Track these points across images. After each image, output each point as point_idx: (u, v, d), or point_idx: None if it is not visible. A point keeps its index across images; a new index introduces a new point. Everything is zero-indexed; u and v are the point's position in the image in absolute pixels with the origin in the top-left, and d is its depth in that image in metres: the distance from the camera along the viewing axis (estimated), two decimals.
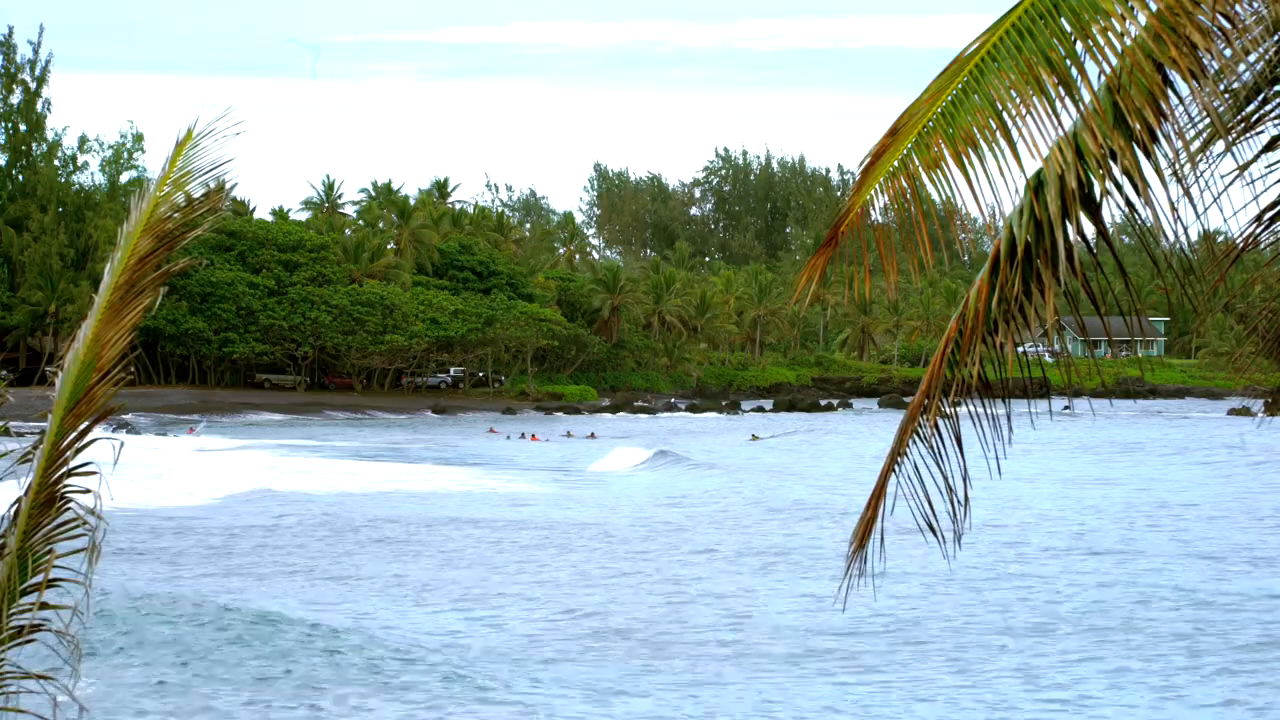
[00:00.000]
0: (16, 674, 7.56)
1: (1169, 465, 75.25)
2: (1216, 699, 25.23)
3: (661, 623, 31.46)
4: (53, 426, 7.41)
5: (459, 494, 59.84)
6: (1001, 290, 7.80)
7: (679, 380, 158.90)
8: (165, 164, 7.56)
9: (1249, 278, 9.63)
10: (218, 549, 43.04)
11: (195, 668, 26.13)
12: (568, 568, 39.61)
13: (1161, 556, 41.23)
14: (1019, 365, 7.99)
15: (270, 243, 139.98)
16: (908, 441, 8.14)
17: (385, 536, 45.74)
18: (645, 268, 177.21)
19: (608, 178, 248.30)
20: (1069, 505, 54.65)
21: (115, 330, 7.45)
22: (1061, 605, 33.57)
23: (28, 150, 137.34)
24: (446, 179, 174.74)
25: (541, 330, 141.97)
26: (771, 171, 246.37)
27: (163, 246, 7.49)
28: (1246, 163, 7.87)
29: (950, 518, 8.08)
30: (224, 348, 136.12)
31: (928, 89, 7.84)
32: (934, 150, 7.75)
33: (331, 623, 30.47)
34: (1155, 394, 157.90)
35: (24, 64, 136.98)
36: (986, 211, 7.77)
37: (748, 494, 59.22)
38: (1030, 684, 26.20)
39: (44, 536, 7.47)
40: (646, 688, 25.62)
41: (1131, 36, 7.43)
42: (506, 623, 31.76)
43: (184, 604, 31.73)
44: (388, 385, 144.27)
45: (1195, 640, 29.57)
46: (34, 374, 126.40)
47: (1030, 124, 7.62)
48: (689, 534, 46.80)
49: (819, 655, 28.32)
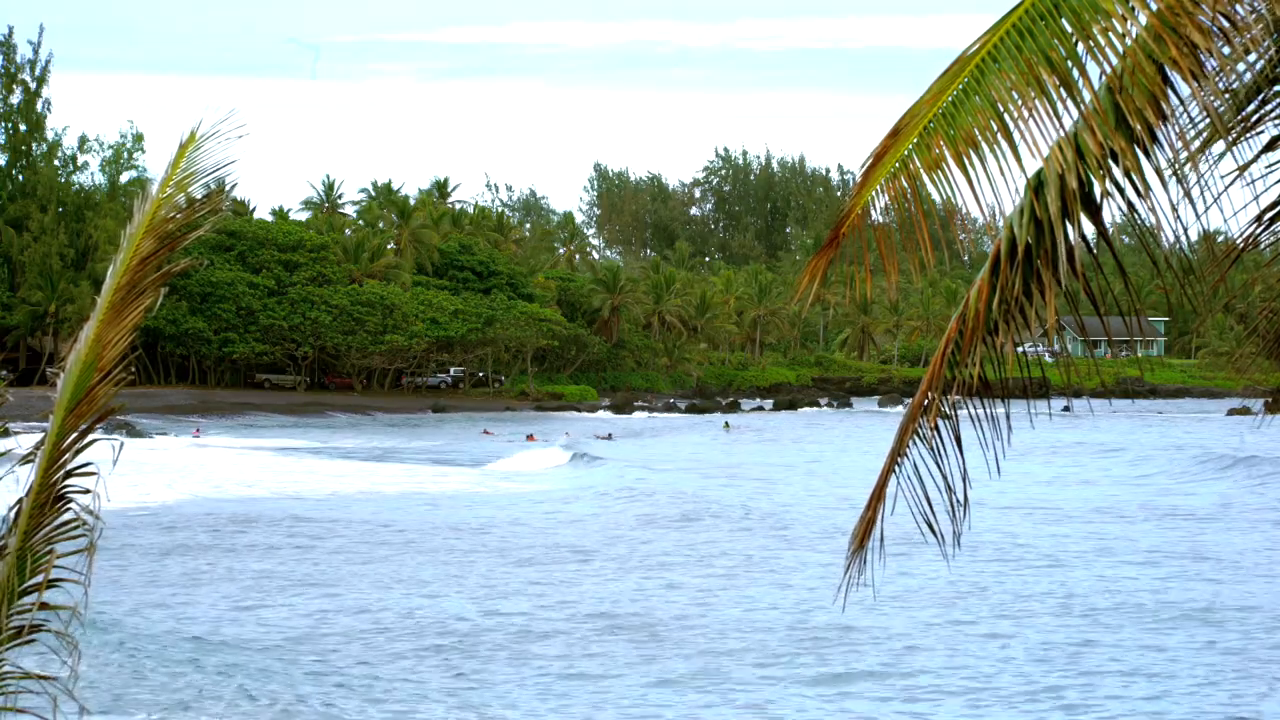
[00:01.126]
0: (16, 674, 7.57)
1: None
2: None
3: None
4: (54, 427, 7.42)
5: (372, 495, 59.84)
6: (1002, 291, 7.81)
7: (679, 380, 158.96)
8: (169, 165, 7.56)
9: (1249, 278, 9.63)
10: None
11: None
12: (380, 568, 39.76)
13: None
14: (1019, 365, 8.00)
15: (270, 243, 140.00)
16: (908, 441, 8.15)
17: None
18: (645, 268, 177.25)
19: (608, 178, 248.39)
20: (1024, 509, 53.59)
21: (116, 331, 7.46)
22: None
23: (28, 150, 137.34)
24: (446, 179, 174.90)
25: (541, 330, 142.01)
26: (771, 171, 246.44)
27: (164, 247, 7.50)
28: (1246, 163, 7.87)
29: (950, 518, 8.09)
30: (224, 348, 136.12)
31: (929, 89, 7.84)
32: (935, 151, 7.76)
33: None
34: (1155, 394, 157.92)
35: (24, 64, 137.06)
36: (987, 212, 7.78)
37: (630, 494, 58.59)
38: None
39: (44, 537, 7.48)
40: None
41: (1132, 37, 7.43)
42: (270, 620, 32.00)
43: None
44: (388, 385, 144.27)
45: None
46: (34, 374, 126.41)
47: (1031, 124, 7.62)
48: (516, 538, 46.56)
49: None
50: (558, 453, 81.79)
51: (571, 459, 78.49)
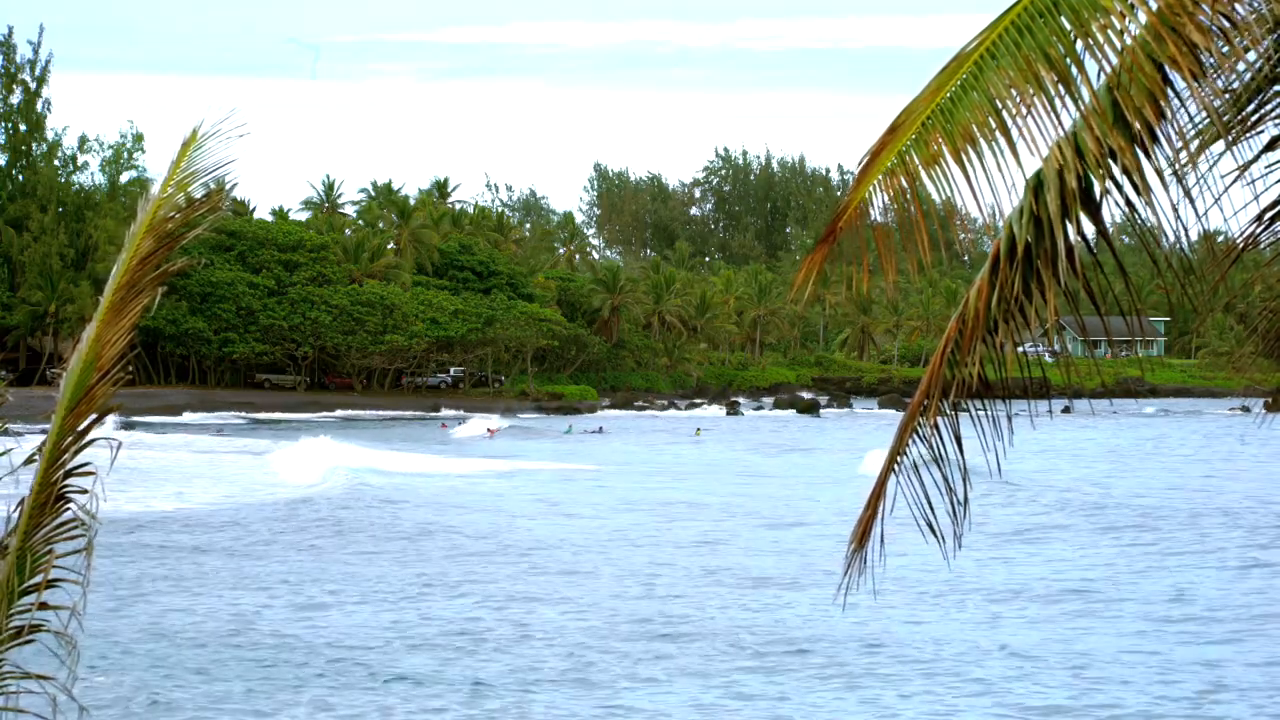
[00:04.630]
0: (16, 674, 7.56)
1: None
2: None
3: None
4: (54, 427, 7.41)
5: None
6: (1001, 290, 7.80)
7: (679, 380, 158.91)
8: (171, 165, 7.56)
9: (1249, 278, 9.62)
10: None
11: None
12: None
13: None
14: (1019, 365, 7.99)
15: (270, 243, 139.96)
16: (907, 441, 8.14)
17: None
18: (645, 268, 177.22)
19: (608, 178, 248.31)
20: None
21: (115, 330, 7.45)
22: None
23: (28, 150, 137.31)
24: (446, 179, 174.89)
25: (541, 330, 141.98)
26: (771, 171, 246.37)
27: (163, 247, 7.49)
28: (1247, 163, 7.86)
29: (950, 517, 8.08)
30: (224, 348, 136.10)
31: (927, 86, 7.83)
32: (933, 147, 7.74)
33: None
34: (1155, 394, 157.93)
35: (24, 64, 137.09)
36: (986, 210, 7.77)
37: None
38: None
39: (44, 537, 7.47)
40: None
41: (1131, 35, 7.42)
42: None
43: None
44: (388, 385, 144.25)
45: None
46: (34, 374, 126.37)
47: (1030, 122, 7.61)
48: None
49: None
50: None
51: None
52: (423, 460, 75.48)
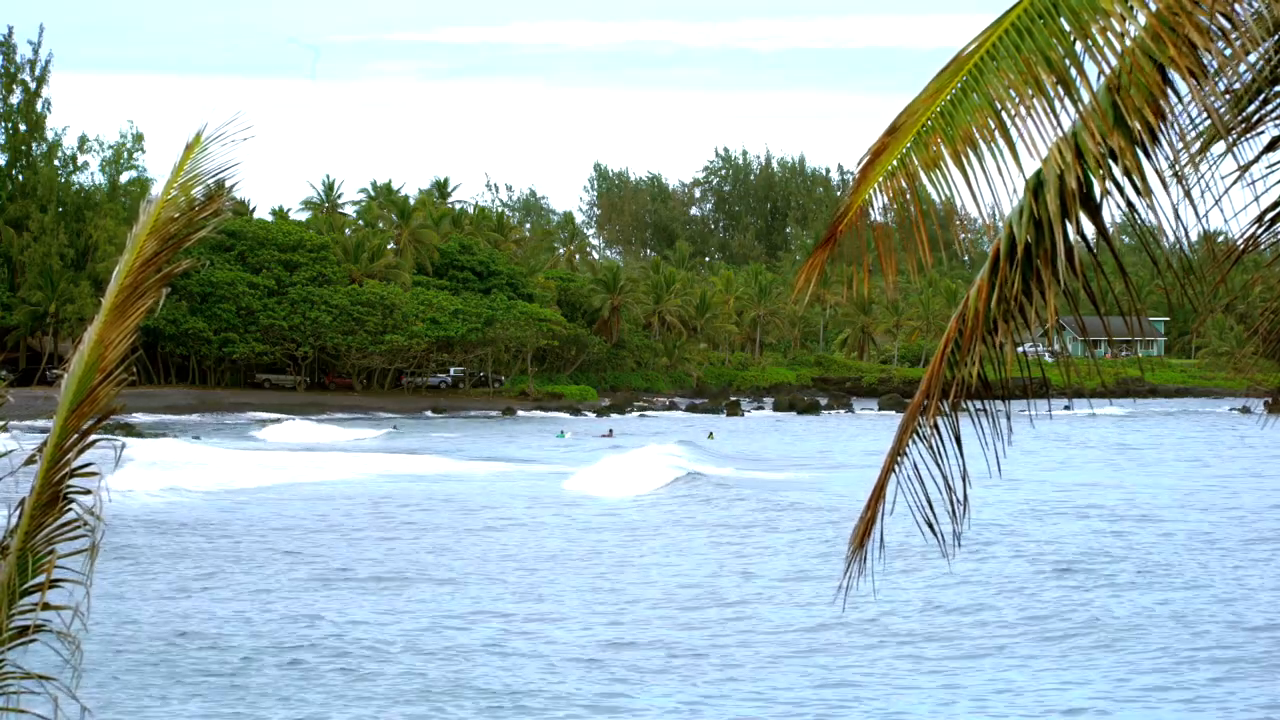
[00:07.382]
0: (17, 674, 7.57)
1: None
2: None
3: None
4: (56, 428, 7.42)
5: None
6: (1001, 290, 7.81)
7: (679, 380, 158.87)
8: (174, 167, 7.57)
9: (1249, 278, 9.63)
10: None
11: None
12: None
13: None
14: (1019, 365, 8.00)
15: (270, 243, 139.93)
16: (907, 441, 8.15)
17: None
18: (645, 268, 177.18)
19: (608, 178, 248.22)
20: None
21: (118, 332, 7.46)
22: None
23: (28, 150, 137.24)
24: (446, 179, 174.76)
25: (541, 330, 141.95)
26: (771, 171, 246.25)
27: (166, 249, 7.50)
28: (1247, 163, 7.87)
29: (950, 517, 8.09)
30: (224, 348, 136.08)
31: (927, 88, 7.83)
32: (933, 149, 7.75)
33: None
34: (1155, 394, 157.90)
35: (24, 64, 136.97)
36: (986, 211, 7.77)
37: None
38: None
39: (46, 537, 7.48)
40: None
41: (1131, 36, 7.43)
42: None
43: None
44: (388, 385, 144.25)
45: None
46: (34, 374, 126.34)
47: (1029, 123, 7.62)
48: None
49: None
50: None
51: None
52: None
